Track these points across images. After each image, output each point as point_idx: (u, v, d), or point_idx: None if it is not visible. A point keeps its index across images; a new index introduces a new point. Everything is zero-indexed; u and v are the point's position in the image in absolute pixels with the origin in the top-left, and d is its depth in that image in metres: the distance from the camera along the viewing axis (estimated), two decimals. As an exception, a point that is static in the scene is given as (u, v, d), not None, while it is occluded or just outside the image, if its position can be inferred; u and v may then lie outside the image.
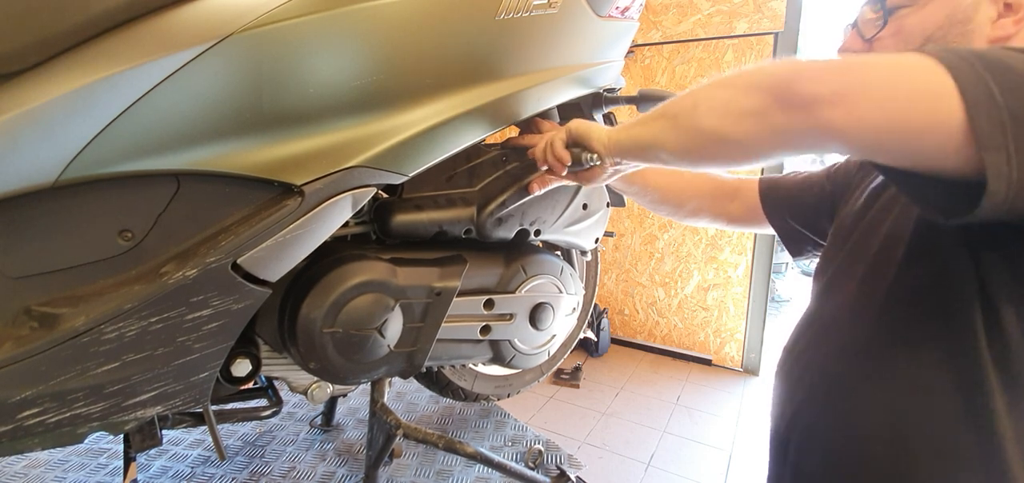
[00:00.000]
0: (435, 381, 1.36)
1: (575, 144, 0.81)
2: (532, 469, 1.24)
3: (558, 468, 1.26)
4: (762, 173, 2.58)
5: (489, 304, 1.03)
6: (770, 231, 0.92)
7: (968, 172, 0.41)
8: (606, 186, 1.13)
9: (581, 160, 0.79)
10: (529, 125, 1.02)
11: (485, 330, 1.05)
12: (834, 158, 0.84)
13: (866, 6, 0.63)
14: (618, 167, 0.80)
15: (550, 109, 1.01)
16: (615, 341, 3.20)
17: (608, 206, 1.17)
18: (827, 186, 0.83)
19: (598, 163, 0.77)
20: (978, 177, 0.40)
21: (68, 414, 0.67)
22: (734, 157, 0.56)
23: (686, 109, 0.60)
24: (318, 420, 1.57)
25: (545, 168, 0.87)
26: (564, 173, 0.84)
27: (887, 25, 0.61)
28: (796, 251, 0.90)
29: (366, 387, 1.20)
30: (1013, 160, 0.39)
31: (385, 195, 0.98)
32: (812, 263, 0.87)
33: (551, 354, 1.21)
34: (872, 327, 0.61)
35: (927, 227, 0.57)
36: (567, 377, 2.67)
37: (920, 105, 0.42)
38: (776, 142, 0.51)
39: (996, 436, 0.51)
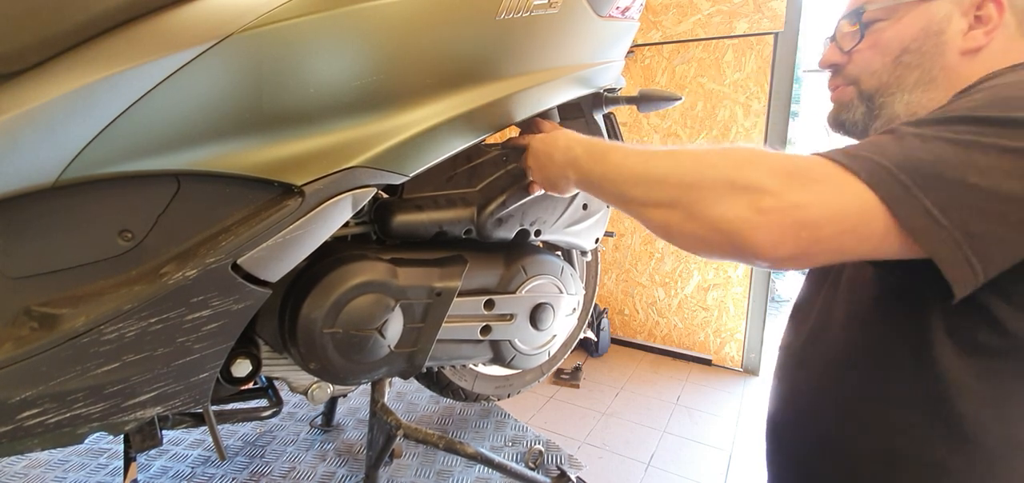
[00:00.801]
0: (435, 381, 1.36)
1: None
2: (532, 469, 1.24)
3: (558, 468, 1.26)
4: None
5: (489, 304, 1.03)
6: None
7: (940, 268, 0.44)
8: None
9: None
10: (529, 125, 1.02)
11: (485, 330, 1.05)
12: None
13: (844, 19, 0.65)
14: None
15: (550, 109, 1.01)
16: (615, 341, 3.20)
17: (608, 206, 1.17)
18: None
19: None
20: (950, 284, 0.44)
21: (68, 414, 0.66)
22: (648, 227, 0.60)
23: (638, 174, 0.61)
24: (318, 420, 1.56)
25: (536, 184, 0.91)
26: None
27: (864, 38, 0.63)
28: None
29: (366, 387, 1.20)
30: (977, 268, 0.43)
31: (385, 195, 0.98)
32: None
33: (551, 354, 1.21)
34: (855, 333, 0.62)
35: None
36: (567, 377, 2.67)
37: (864, 249, 0.46)
38: (705, 255, 0.54)
39: (971, 444, 0.51)
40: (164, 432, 0.94)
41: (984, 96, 0.47)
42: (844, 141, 0.62)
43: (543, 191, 1.00)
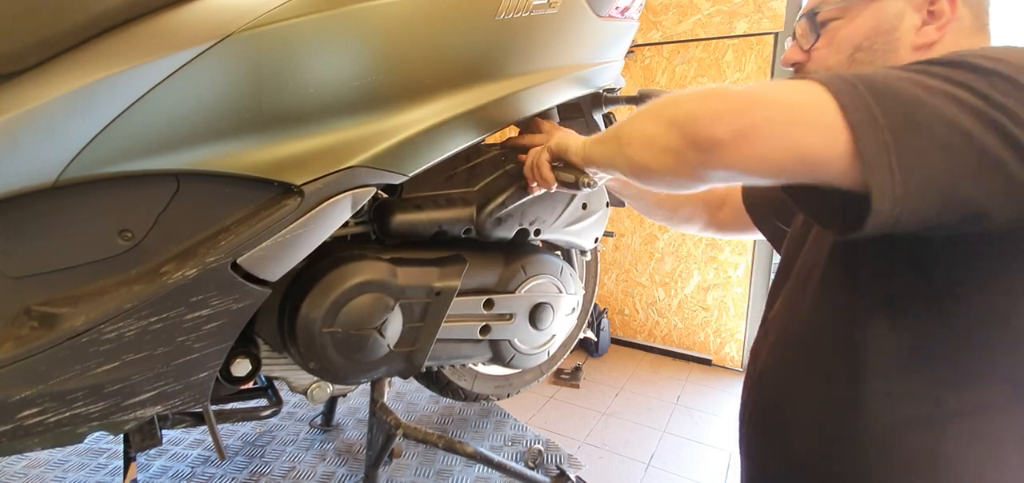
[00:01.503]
0: (435, 381, 1.36)
1: (557, 160, 0.86)
2: (532, 469, 1.24)
3: (558, 468, 1.26)
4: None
5: (489, 304, 1.03)
6: (760, 237, 0.94)
7: (860, 190, 0.44)
8: (605, 187, 1.14)
9: (575, 183, 0.82)
10: (529, 125, 1.02)
11: (485, 330, 1.05)
12: None
13: (803, 19, 0.66)
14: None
15: (550, 109, 1.01)
16: (615, 341, 3.20)
17: (608, 206, 1.17)
18: None
19: (590, 187, 0.81)
20: (868, 195, 0.43)
21: (68, 414, 0.67)
22: (662, 185, 0.61)
23: (623, 136, 0.65)
24: (318, 420, 1.56)
25: (534, 185, 0.93)
26: (553, 189, 0.89)
27: (820, 37, 0.64)
28: None
29: (366, 387, 1.20)
30: (896, 177, 0.42)
31: (385, 195, 0.98)
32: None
33: (551, 354, 1.21)
34: (807, 330, 0.64)
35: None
36: (567, 377, 2.67)
37: (813, 138, 0.45)
38: (691, 176, 0.55)
39: (911, 439, 0.53)
40: (164, 432, 0.94)
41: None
42: None
43: (542, 191, 1.00)
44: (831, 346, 0.60)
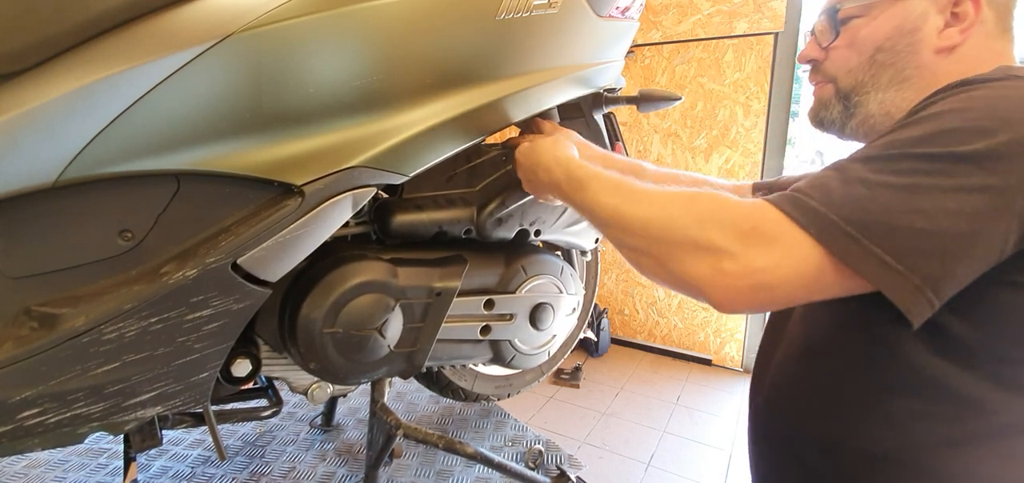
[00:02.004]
0: (435, 381, 1.36)
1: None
2: (532, 469, 1.24)
3: (558, 468, 1.26)
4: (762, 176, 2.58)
5: (489, 304, 1.03)
6: None
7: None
8: None
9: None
10: (529, 125, 1.02)
11: (485, 330, 1.05)
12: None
13: (822, 16, 0.65)
14: None
15: (550, 109, 1.01)
16: (615, 341, 3.20)
17: None
18: None
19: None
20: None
21: (68, 414, 0.67)
22: (623, 252, 0.63)
23: (612, 208, 0.63)
24: (318, 420, 1.56)
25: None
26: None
27: (840, 35, 0.63)
28: None
29: (366, 387, 1.19)
30: (928, 297, 0.45)
31: (385, 195, 0.98)
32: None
33: (551, 354, 1.21)
34: (815, 337, 0.64)
35: None
36: (567, 377, 2.67)
37: (819, 294, 0.49)
38: (664, 284, 0.59)
39: (914, 441, 0.53)
40: (164, 432, 0.94)
41: (928, 127, 0.48)
42: (825, 138, 0.64)
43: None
44: (849, 360, 0.58)
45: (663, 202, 0.56)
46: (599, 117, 1.16)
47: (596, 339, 2.98)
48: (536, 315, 1.08)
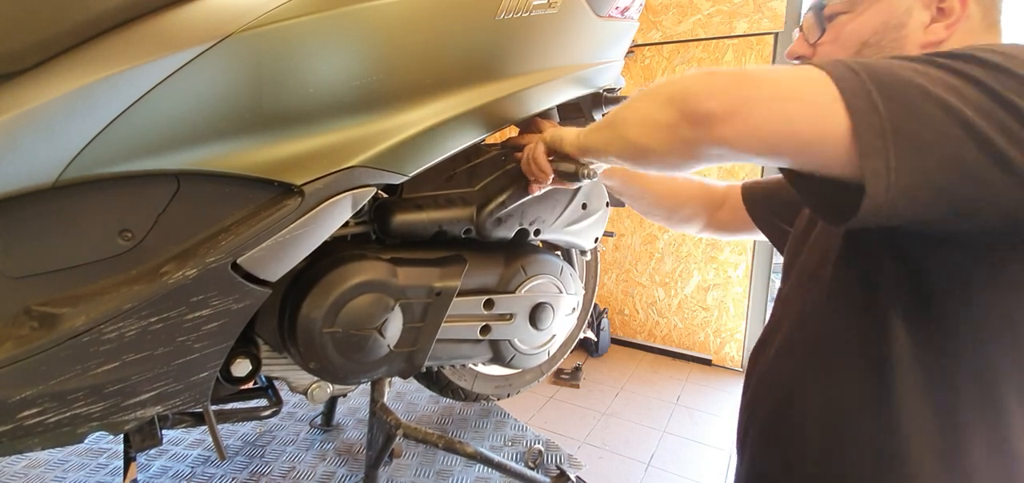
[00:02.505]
0: (435, 381, 1.36)
1: (552, 152, 0.86)
2: (532, 469, 1.24)
3: (558, 468, 1.26)
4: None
5: (489, 304, 1.03)
6: (761, 237, 0.94)
7: (856, 178, 0.43)
8: (605, 187, 1.14)
9: (575, 174, 0.83)
10: (529, 125, 1.02)
11: (485, 330, 1.05)
12: None
13: (809, 11, 0.65)
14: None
15: (550, 109, 1.01)
16: (615, 341, 3.20)
17: (607, 206, 1.17)
18: None
19: (591, 177, 0.82)
20: (862, 183, 0.42)
21: (68, 414, 0.67)
22: (660, 165, 0.60)
23: (619, 119, 0.66)
24: (318, 420, 1.56)
25: (535, 186, 0.94)
26: (549, 183, 0.90)
27: (826, 31, 0.63)
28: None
29: (366, 387, 1.20)
30: (891, 164, 0.41)
31: (385, 195, 0.98)
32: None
33: (551, 354, 1.21)
34: (811, 330, 0.63)
35: (851, 233, 0.60)
36: (567, 377, 2.67)
37: (808, 117, 0.44)
38: (688, 153, 0.54)
39: (910, 437, 0.52)
40: (164, 432, 0.94)
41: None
42: None
43: (542, 191, 1.00)
44: (841, 352, 0.58)
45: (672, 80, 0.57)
46: (599, 117, 1.16)
47: (596, 339, 2.98)
48: (536, 315, 1.08)
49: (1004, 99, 0.40)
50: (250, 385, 0.92)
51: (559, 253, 1.22)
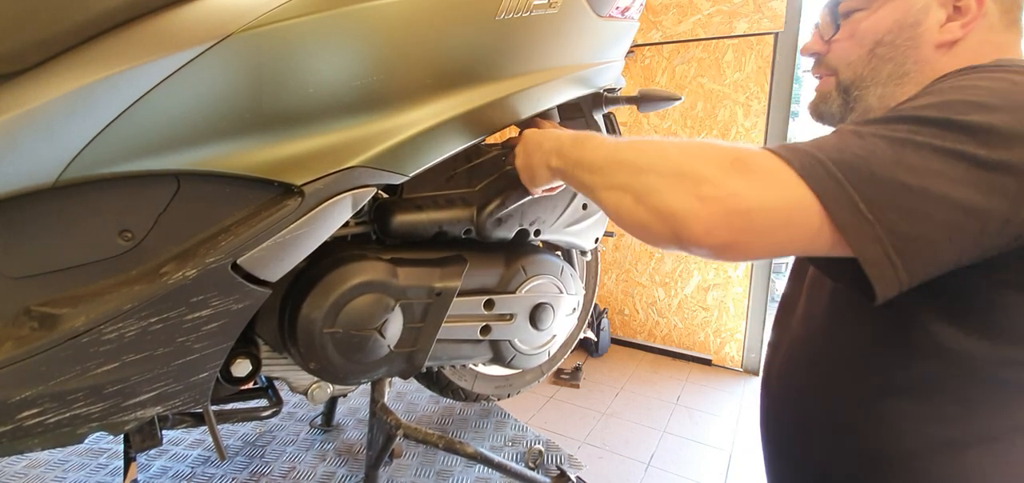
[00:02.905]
0: (435, 381, 1.36)
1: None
2: (532, 469, 1.24)
3: (558, 468, 1.26)
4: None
5: (489, 304, 1.03)
6: None
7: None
8: None
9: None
10: (529, 125, 1.02)
11: (485, 330, 1.05)
12: None
13: (825, 9, 0.65)
14: None
15: (550, 109, 1.01)
16: (615, 341, 3.20)
17: None
18: None
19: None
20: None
21: (68, 414, 0.66)
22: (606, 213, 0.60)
23: (595, 183, 0.62)
24: (318, 420, 1.56)
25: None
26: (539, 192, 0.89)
27: (841, 28, 0.62)
28: None
29: (366, 387, 1.19)
30: (900, 268, 0.42)
31: (385, 195, 0.98)
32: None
33: (551, 354, 1.21)
34: (818, 334, 0.63)
35: None
36: (567, 377, 2.67)
37: (797, 245, 0.46)
38: (653, 243, 0.54)
39: (913, 442, 0.52)
40: (164, 432, 0.94)
41: (930, 98, 0.47)
42: (825, 131, 0.64)
43: (542, 192, 1.00)
44: (849, 360, 0.58)
45: (660, 144, 0.55)
46: (599, 117, 1.16)
47: (596, 339, 2.98)
48: (536, 315, 1.08)
49: (999, 163, 0.40)
50: (250, 385, 0.92)
51: (559, 253, 1.22)
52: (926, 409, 0.52)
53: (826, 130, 0.67)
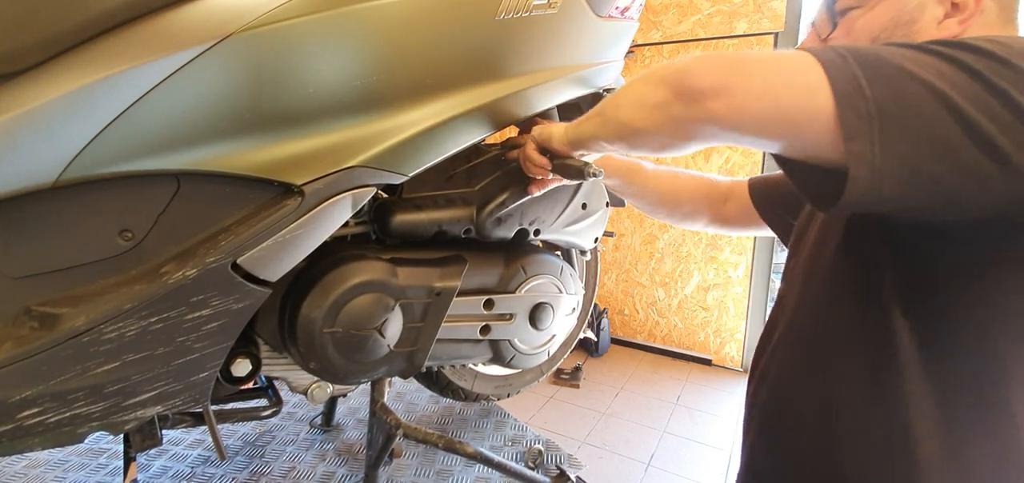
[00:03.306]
0: (435, 381, 1.36)
1: (543, 149, 0.86)
2: (532, 469, 1.24)
3: (558, 468, 1.26)
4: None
5: (489, 304, 1.03)
6: (767, 232, 0.93)
7: (842, 162, 0.43)
8: (605, 186, 1.14)
9: (581, 172, 0.81)
10: (529, 125, 1.02)
11: (485, 330, 1.05)
12: None
13: (822, 7, 0.65)
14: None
15: (550, 109, 1.01)
16: (615, 341, 3.20)
17: (608, 206, 1.17)
18: None
19: (596, 176, 0.81)
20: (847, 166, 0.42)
21: (68, 414, 0.67)
22: (650, 146, 0.61)
23: (611, 104, 0.67)
24: (318, 420, 1.56)
25: (534, 188, 0.95)
26: (550, 176, 0.89)
27: (838, 27, 0.62)
28: None
29: (366, 387, 1.20)
30: (876, 148, 0.41)
31: (385, 195, 0.98)
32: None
33: (551, 354, 1.21)
34: (811, 322, 0.64)
35: (851, 224, 0.60)
36: (567, 377, 2.67)
37: (795, 98, 0.45)
38: (679, 132, 0.55)
39: (911, 423, 0.52)
40: (164, 432, 0.94)
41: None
42: None
43: (542, 191, 1.00)
44: (840, 344, 0.59)
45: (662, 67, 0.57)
46: (598, 117, 1.16)
47: (596, 339, 2.98)
48: (536, 315, 1.08)
49: (996, 87, 0.39)
50: (250, 385, 0.92)
51: (559, 253, 1.22)
52: (919, 397, 0.52)
53: None
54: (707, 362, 2.95)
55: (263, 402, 1.05)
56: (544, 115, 1.01)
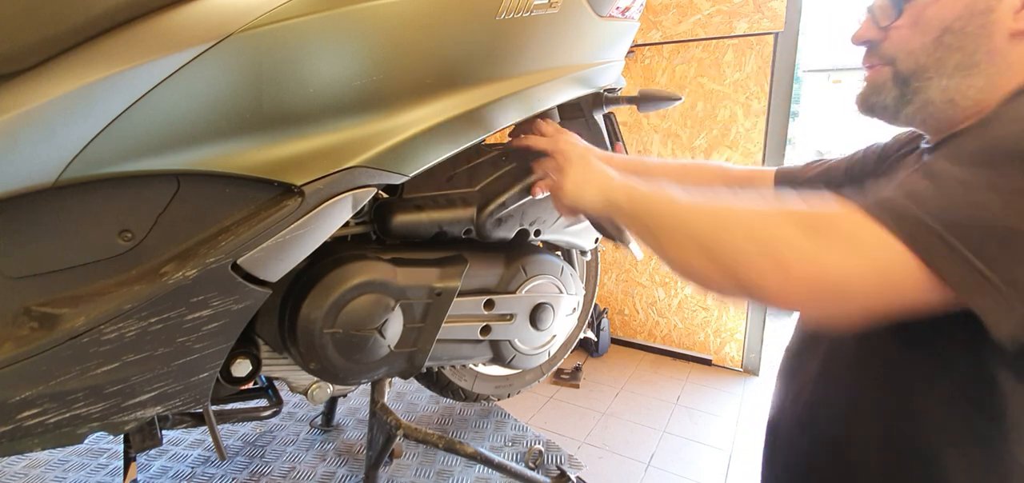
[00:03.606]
0: (435, 381, 1.36)
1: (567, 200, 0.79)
2: (532, 469, 1.24)
3: (558, 468, 1.26)
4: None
5: (489, 304, 1.03)
6: None
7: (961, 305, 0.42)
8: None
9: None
10: (530, 125, 1.02)
11: (485, 330, 1.05)
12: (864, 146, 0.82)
13: None
14: None
15: (550, 109, 1.01)
16: (615, 341, 3.20)
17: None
18: (845, 180, 0.80)
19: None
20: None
21: (68, 414, 0.66)
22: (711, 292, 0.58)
23: (659, 227, 0.60)
24: (318, 420, 1.56)
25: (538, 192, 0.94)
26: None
27: (903, 14, 0.57)
28: None
29: (366, 387, 1.20)
30: (1018, 311, 0.40)
31: (385, 195, 0.98)
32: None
33: (551, 354, 1.21)
34: (850, 338, 0.60)
35: None
36: (567, 377, 2.67)
37: (900, 303, 0.44)
38: (721, 297, 0.54)
39: (937, 436, 0.51)
40: (164, 432, 0.94)
41: None
42: (825, 138, 0.60)
43: (544, 194, 1.00)
44: (866, 349, 0.56)
45: (728, 209, 0.54)
46: (599, 117, 1.16)
47: (596, 339, 2.98)
48: (536, 315, 1.08)
49: None
50: (250, 385, 0.92)
51: (559, 253, 1.22)
52: (948, 404, 0.50)
53: (827, 138, 0.64)
54: (707, 362, 2.94)
55: (263, 402, 1.05)
56: (544, 115, 1.01)
